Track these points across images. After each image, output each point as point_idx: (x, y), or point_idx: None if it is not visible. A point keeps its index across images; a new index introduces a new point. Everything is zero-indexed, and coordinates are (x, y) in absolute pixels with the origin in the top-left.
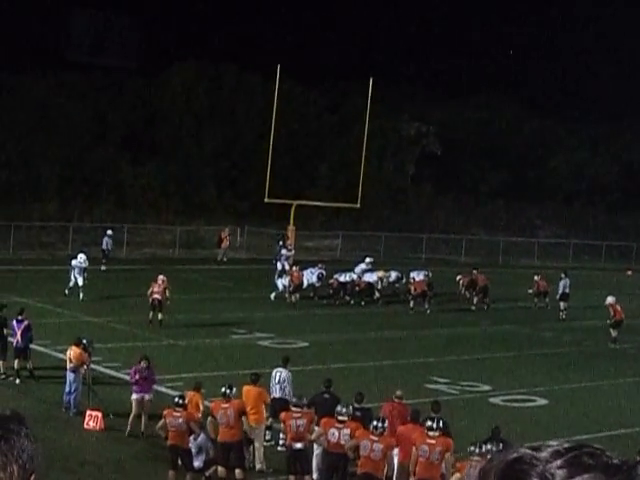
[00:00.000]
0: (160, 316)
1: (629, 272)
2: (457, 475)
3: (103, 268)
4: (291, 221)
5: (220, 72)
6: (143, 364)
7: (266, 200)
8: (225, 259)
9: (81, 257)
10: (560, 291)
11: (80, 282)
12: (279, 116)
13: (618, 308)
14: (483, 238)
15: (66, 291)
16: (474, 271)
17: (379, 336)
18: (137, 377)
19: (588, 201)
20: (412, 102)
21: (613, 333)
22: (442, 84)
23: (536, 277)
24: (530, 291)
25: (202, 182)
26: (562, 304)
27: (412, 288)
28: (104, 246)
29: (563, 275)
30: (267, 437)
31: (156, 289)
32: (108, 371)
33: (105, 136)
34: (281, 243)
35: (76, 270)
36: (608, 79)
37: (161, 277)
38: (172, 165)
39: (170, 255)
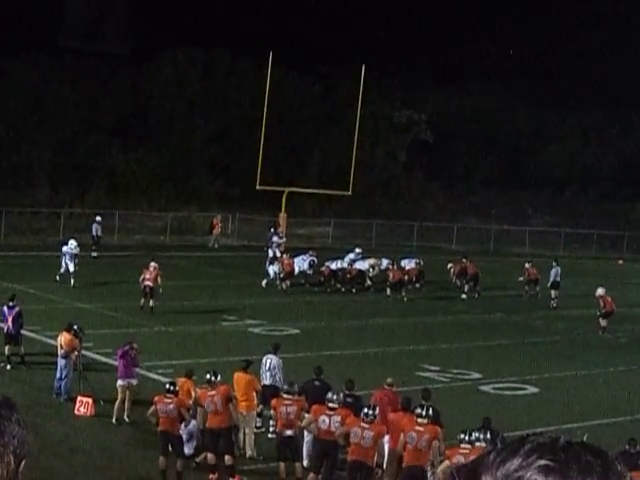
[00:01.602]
0: (152, 303)
1: (620, 261)
2: (446, 462)
3: (94, 254)
4: (282, 208)
5: (212, 59)
6: (135, 346)
7: (258, 187)
8: (216, 246)
9: (72, 243)
10: (551, 279)
11: (71, 268)
12: (271, 103)
13: (608, 299)
14: (474, 226)
15: (57, 277)
16: (464, 259)
17: (370, 323)
18: (124, 361)
19: (580, 190)
20: (404, 89)
21: (602, 323)
22: (435, 72)
23: (527, 264)
24: (520, 279)
25: (194, 169)
26: (553, 292)
27: (390, 275)
28: (93, 232)
29: (554, 263)
30: (257, 424)
31: (148, 276)
32: (99, 357)
33: (97, 122)
34: (272, 230)
35: (67, 256)
36: (602, 68)
37: (153, 264)
38: (164, 152)
39: (161, 242)
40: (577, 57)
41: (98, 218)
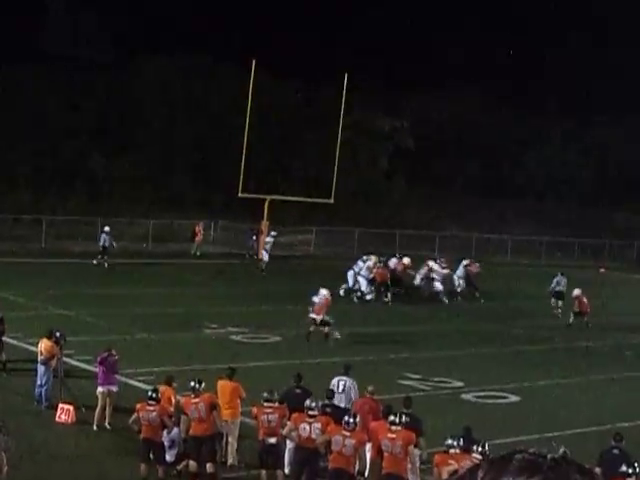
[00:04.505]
0: (326, 329)
1: (602, 269)
2: (450, 467)
3: (102, 262)
4: (265, 216)
5: (195, 65)
6: (114, 353)
7: (240, 195)
8: (198, 253)
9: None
10: (552, 287)
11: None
12: (253, 110)
13: (584, 300)
14: (456, 234)
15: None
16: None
17: (352, 332)
18: (103, 367)
19: (561, 198)
20: (386, 97)
21: (571, 318)
22: (416, 79)
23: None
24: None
25: (176, 175)
26: (555, 301)
27: (375, 275)
28: (102, 242)
29: (559, 273)
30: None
31: (316, 307)
32: (80, 364)
33: (79, 128)
34: (254, 237)
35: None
36: (581, 76)
37: (323, 292)
38: (145, 158)
39: (143, 249)
40: (560, 65)
41: (107, 228)
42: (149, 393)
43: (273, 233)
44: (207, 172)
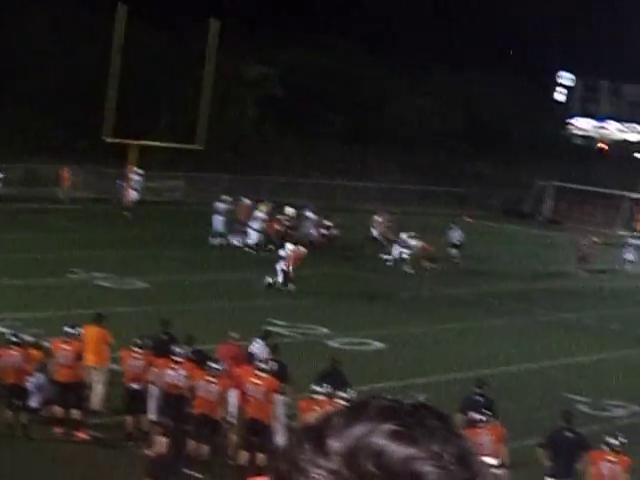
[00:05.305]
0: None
1: (468, 218)
2: (315, 413)
3: None
4: (132, 161)
5: (63, 9)
6: None
7: (107, 140)
8: (65, 198)
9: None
10: (452, 240)
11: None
12: (122, 55)
13: (428, 247)
14: (322, 182)
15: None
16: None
17: (218, 278)
18: None
19: (429, 147)
20: (257, 45)
21: (426, 264)
22: (287, 28)
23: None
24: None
25: (43, 120)
26: (454, 251)
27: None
28: None
29: (453, 225)
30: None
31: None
32: None
33: None
34: (119, 182)
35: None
36: (454, 28)
37: (289, 246)
38: (13, 102)
39: (9, 193)
40: (431, 15)
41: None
42: (11, 337)
43: (138, 171)
44: (75, 117)
